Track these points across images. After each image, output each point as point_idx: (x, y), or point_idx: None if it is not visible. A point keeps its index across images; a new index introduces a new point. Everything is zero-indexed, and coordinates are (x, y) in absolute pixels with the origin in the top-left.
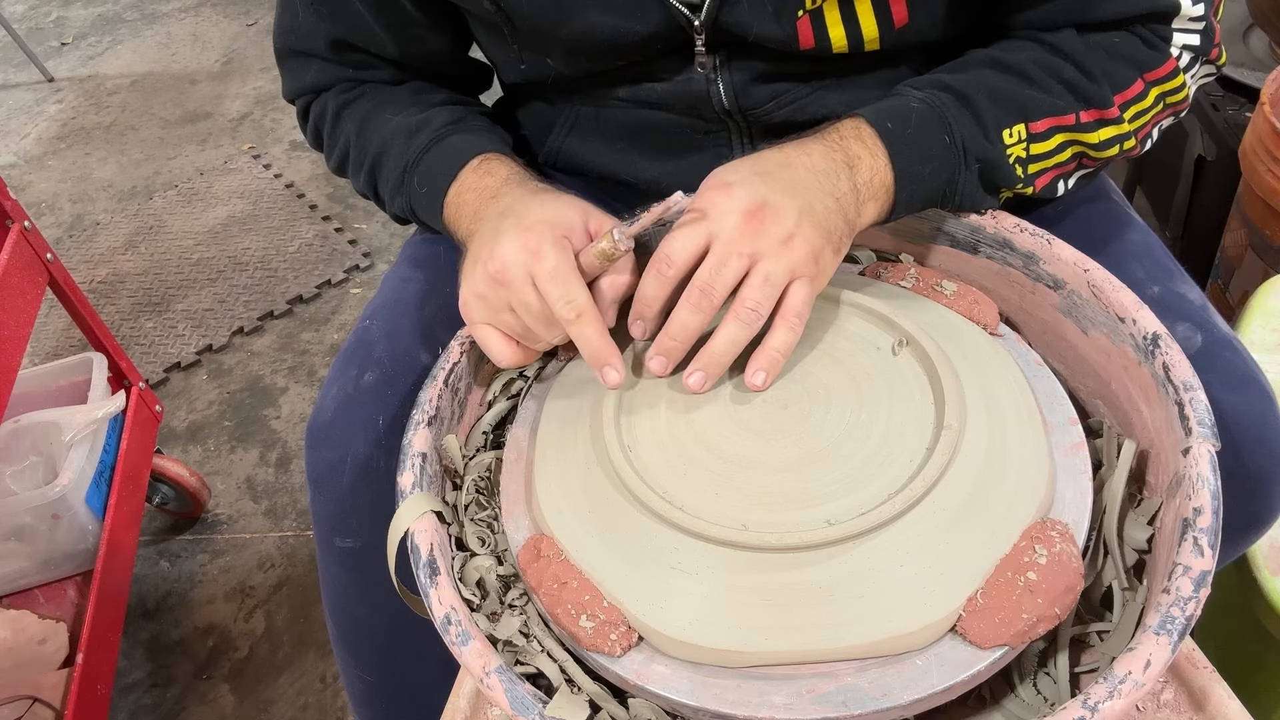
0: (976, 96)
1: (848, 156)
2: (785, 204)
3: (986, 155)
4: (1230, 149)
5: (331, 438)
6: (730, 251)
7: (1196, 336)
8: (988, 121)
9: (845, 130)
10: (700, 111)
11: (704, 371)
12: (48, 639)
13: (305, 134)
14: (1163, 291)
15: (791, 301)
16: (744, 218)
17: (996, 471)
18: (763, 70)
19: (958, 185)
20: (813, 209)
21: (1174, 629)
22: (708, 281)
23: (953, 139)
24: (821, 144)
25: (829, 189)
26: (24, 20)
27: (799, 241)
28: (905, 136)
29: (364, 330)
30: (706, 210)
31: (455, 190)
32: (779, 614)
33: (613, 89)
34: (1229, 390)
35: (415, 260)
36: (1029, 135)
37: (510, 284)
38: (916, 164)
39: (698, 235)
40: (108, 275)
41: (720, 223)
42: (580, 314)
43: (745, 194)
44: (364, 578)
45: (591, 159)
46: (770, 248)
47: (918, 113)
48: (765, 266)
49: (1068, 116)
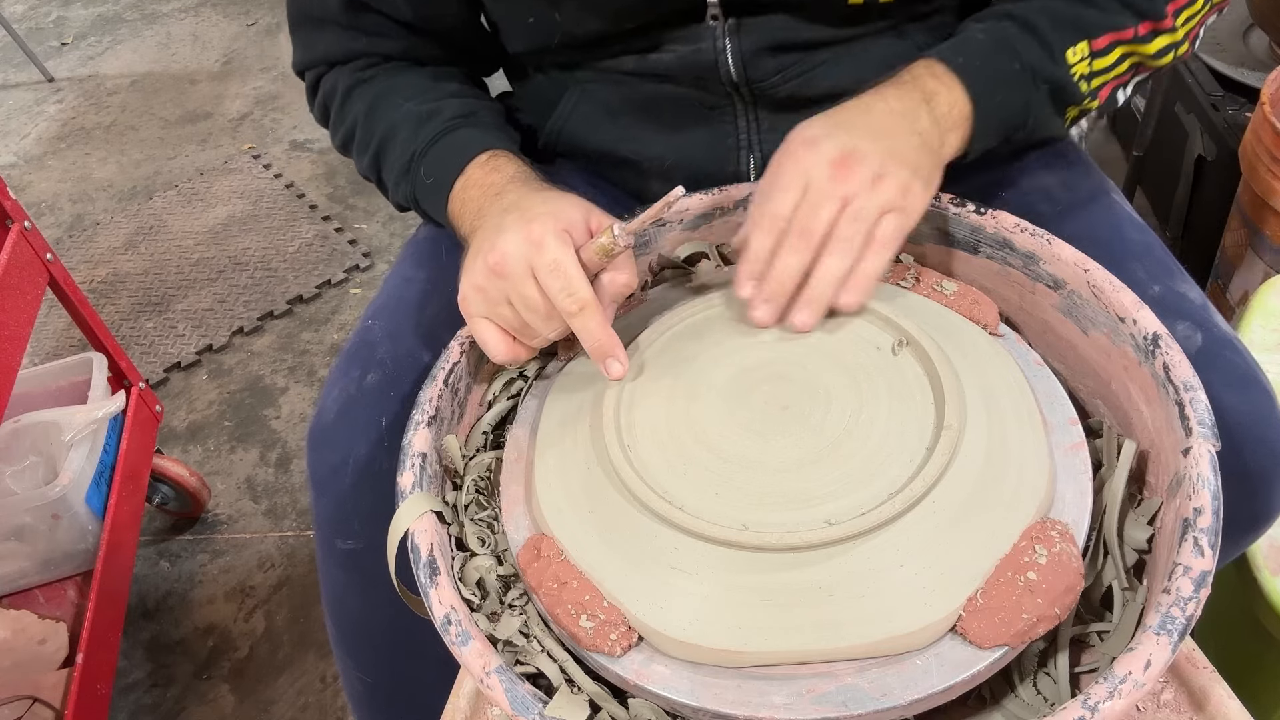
0: (1039, 21)
1: (924, 93)
2: (869, 147)
3: (1053, 76)
4: (1230, 149)
5: (334, 439)
6: (823, 196)
7: (1197, 336)
8: (1053, 44)
9: (918, 70)
10: (707, 84)
11: (810, 308)
12: (48, 639)
13: (312, 108)
14: (1163, 291)
15: (880, 231)
16: (833, 166)
17: (996, 471)
18: (772, 37)
19: (1031, 108)
20: (897, 148)
21: (1174, 629)
22: (805, 224)
23: (1021, 64)
24: (895, 87)
25: (909, 127)
26: (24, 20)
27: (887, 180)
28: (975, 66)
29: (366, 330)
30: (796, 166)
31: (461, 185)
32: (779, 614)
33: (618, 60)
34: (1229, 390)
35: (417, 260)
36: (1091, 52)
37: (510, 276)
38: (990, 90)
39: (794, 189)
40: (108, 275)
41: (812, 174)
42: (582, 306)
43: (832, 145)
44: (364, 579)
45: (595, 137)
46: (860, 189)
47: (985, 43)
48: (855, 205)
49: (1126, 31)
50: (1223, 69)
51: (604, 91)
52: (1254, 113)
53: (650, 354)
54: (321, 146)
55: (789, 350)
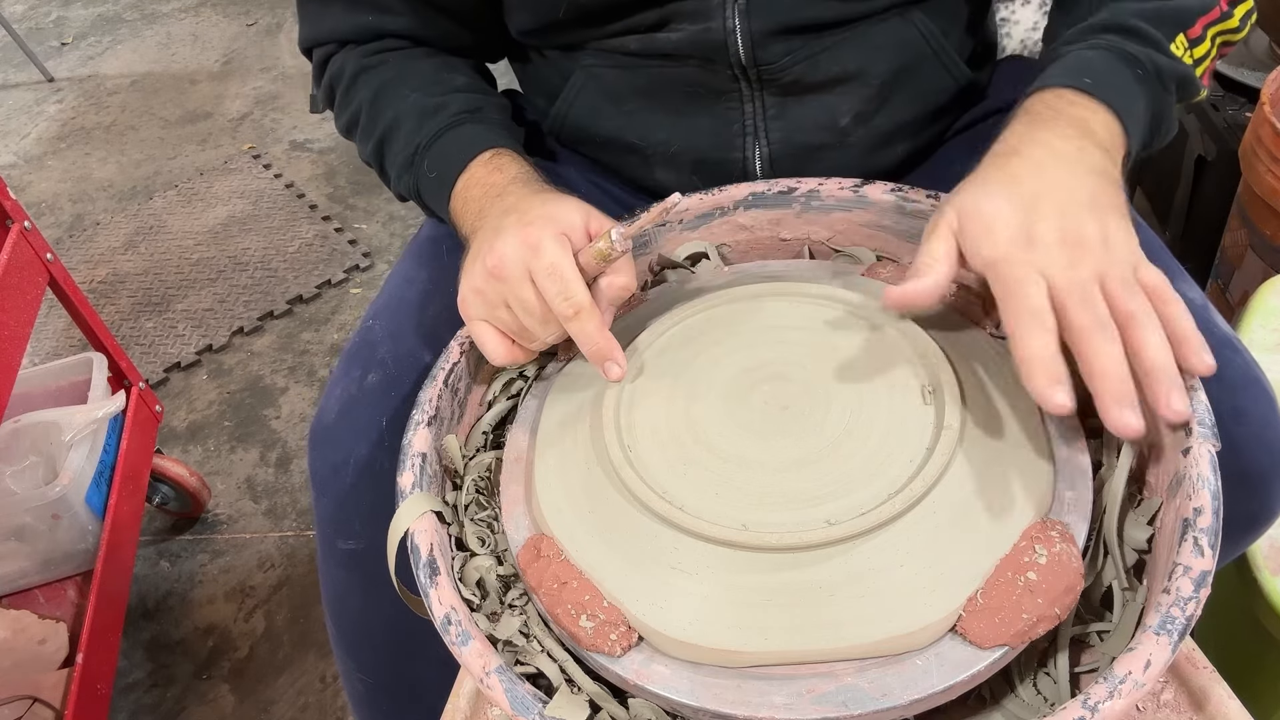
0: (1136, 23)
1: (1080, 127)
2: (1076, 211)
3: (1178, 71)
4: (1230, 149)
5: (335, 439)
6: (1076, 283)
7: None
8: (1160, 41)
9: (1052, 102)
10: (714, 66)
11: (1167, 384)
12: (48, 639)
13: (317, 88)
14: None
15: (1154, 284)
16: (1061, 248)
17: (996, 471)
18: (781, 17)
19: (1166, 112)
20: (1096, 199)
21: (1174, 629)
22: (1094, 315)
23: (1144, 70)
24: (1047, 129)
25: (1087, 168)
26: (24, 20)
27: (1111, 236)
28: (1108, 84)
29: (367, 330)
30: (1020, 262)
31: (463, 183)
32: (779, 614)
33: (623, 40)
34: (1230, 390)
35: (418, 260)
36: (1189, 42)
37: (507, 279)
38: (1132, 105)
39: (1039, 285)
40: (108, 275)
41: (1047, 267)
42: (579, 311)
43: (1044, 227)
44: (365, 579)
45: (600, 123)
46: (1102, 260)
47: (1099, 59)
48: (1113, 274)
49: (1214, 10)
50: (1223, 69)
51: (609, 76)
52: (1254, 113)
53: (650, 354)
54: (322, 146)
55: (789, 350)
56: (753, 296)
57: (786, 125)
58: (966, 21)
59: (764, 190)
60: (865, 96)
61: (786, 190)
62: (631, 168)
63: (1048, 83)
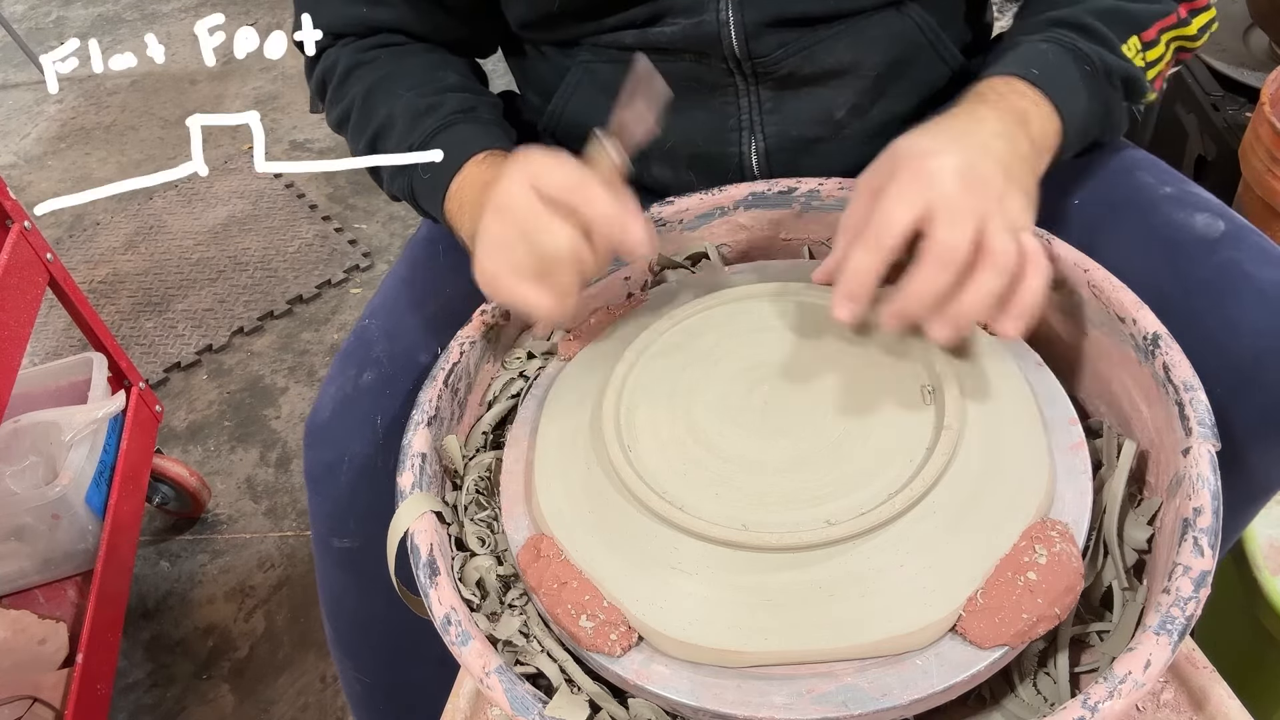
0: (1090, 21)
1: (1018, 114)
2: (991, 166)
3: (1126, 71)
4: (1230, 149)
5: (329, 437)
6: (959, 210)
7: (1219, 223)
8: (1112, 40)
9: (999, 88)
10: (709, 60)
11: (954, 325)
12: (48, 639)
13: (309, 81)
14: (1177, 190)
15: (1029, 249)
16: (960, 178)
17: (996, 472)
18: (775, 10)
19: (1112, 108)
20: (1012, 171)
21: (1174, 629)
22: (951, 243)
23: (1092, 66)
24: (986, 107)
25: (1014, 150)
26: (24, 20)
27: (1011, 199)
28: (1054, 78)
29: (363, 330)
30: (914, 179)
31: (458, 184)
32: (779, 614)
33: (619, 35)
34: (1261, 265)
35: (415, 260)
36: (1143, 45)
37: (514, 206)
38: (1074, 100)
39: (911, 207)
40: (108, 275)
41: (937, 188)
42: (581, 181)
43: (955, 160)
44: (362, 578)
45: (596, 118)
46: (993, 206)
47: (1051, 52)
48: (998, 221)
49: (1170, 17)
50: (1223, 69)
51: (605, 71)
52: (1254, 113)
53: (650, 354)
54: (322, 146)
55: (789, 350)
56: (752, 297)
57: (782, 119)
58: (965, 12)
59: (764, 190)
60: (860, 89)
61: (786, 190)
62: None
63: (999, 70)
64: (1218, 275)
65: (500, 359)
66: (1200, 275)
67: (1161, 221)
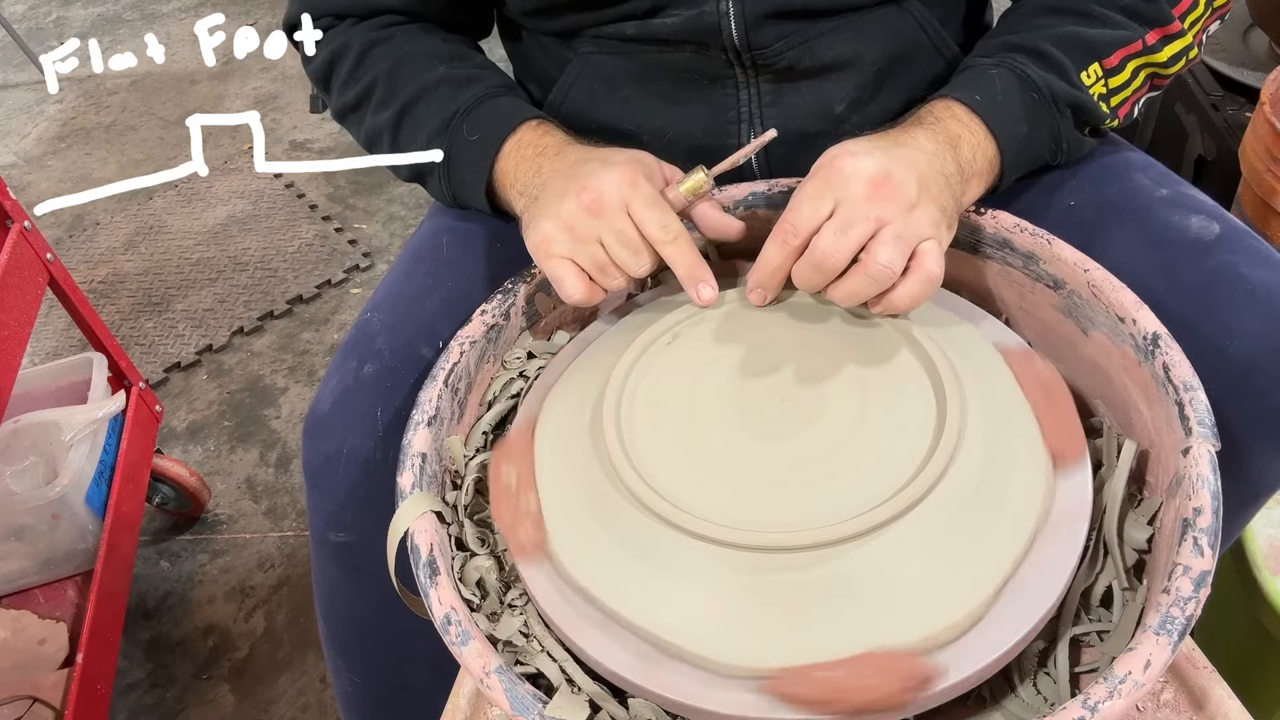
0: (1046, 47)
1: (949, 137)
2: (907, 175)
3: (1075, 99)
4: (1230, 149)
5: (329, 430)
6: (856, 215)
7: (1214, 225)
8: (1067, 68)
9: (939, 112)
10: (708, 51)
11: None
12: (48, 639)
13: (307, 66)
14: (1172, 193)
15: (925, 260)
16: (870, 184)
17: (996, 471)
18: (774, 2)
19: (1060, 135)
20: (929, 183)
21: (1174, 629)
22: (832, 245)
23: (1040, 94)
24: (921, 128)
25: (939, 168)
26: (24, 20)
27: (922, 210)
28: (997, 104)
29: (365, 323)
30: (829, 178)
31: (514, 143)
32: (787, 615)
33: (620, 26)
34: (1256, 267)
35: (417, 255)
36: (1104, 72)
37: (605, 212)
38: (1015, 126)
39: (823, 203)
40: (108, 275)
41: (846, 190)
42: (676, 236)
43: (869, 163)
44: (358, 574)
45: (596, 110)
46: (897, 213)
47: (999, 78)
48: (894, 228)
49: (1135, 44)
50: (1223, 69)
51: (606, 62)
52: (1254, 113)
53: (650, 354)
54: (322, 146)
55: (789, 350)
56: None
57: (781, 112)
58: (966, 9)
59: (764, 190)
60: (860, 83)
61: (787, 190)
62: None
63: (943, 93)
64: (1213, 278)
65: (500, 359)
66: (1195, 278)
67: (1157, 224)
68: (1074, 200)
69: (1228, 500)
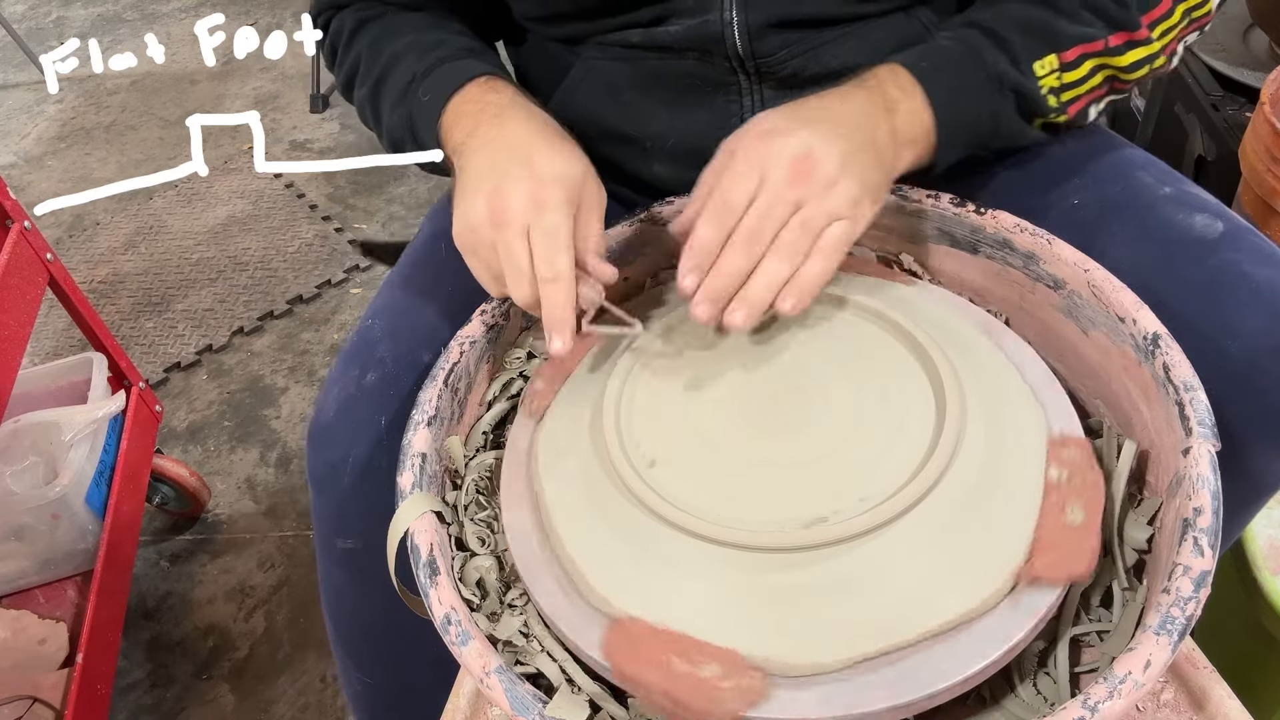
0: (1006, 31)
1: (886, 100)
2: (829, 151)
3: (1020, 85)
4: (1230, 149)
5: (333, 438)
6: (777, 199)
7: (1218, 224)
8: (1019, 53)
9: (882, 75)
10: (712, 58)
11: (745, 310)
12: (48, 639)
13: (323, 53)
14: (1175, 191)
15: (827, 238)
16: (792, 165)
17: (996, 470)
18: (779, 11)
19: (999, 118)
20: (855, 156)
21: (1174, 629)
22: (756, 226)
23: (988, 73)
24: (861, 89)
25: (868, 137)
26: (24, 20)
27: (840, 188)
28: (940, 74)
29: (366, 330)
30: (754, 157)
31: (458, 100)
32: (793, 616)
33: (624, 34)
34: (1259, 265)
35: (417, 259)
36: (1060, 65)
37: (505, 227)
38: (954, 98)
39: (750, 182)
40: (108, 275)
41: (770, 171)
42: (557, 277)
43: (794, 141)
44: (364, 578)
45: (599, 115)
46: (814, 193)
47: (950, 50)
48: (806, 211)
49: (1096, 43)
50: (1223, 69)
51: (609, 68)
52: (1254, 113)
53: (650, 354)
54: (322, 146)
55: (789, 350)
56: None
57: None
58: None
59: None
60: None
61: None
62: (630, 160)
63: (896, 59)
64: (1216, 276)
65: (500, 359)
66: (1198, 276)
67: (1160, 222)
68: (1077, 199)
69: (1228, 500)
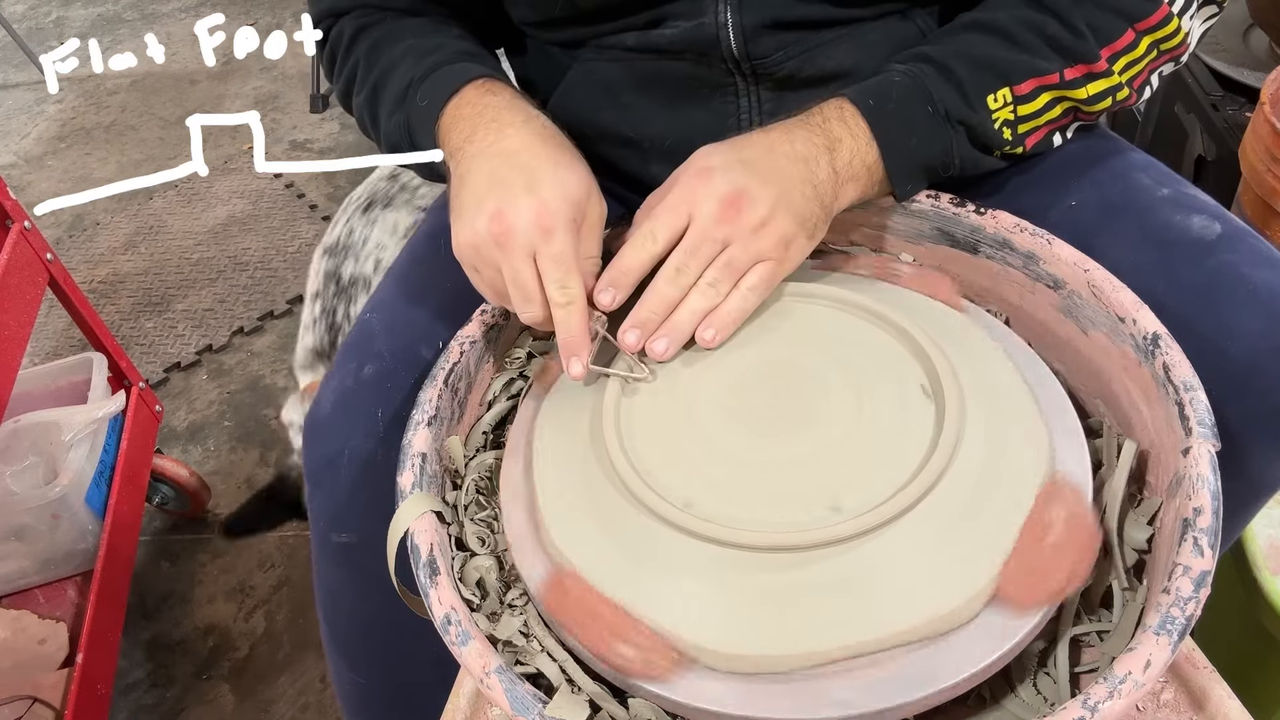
0: (956, 65)
1: (829, 139)
2: (762, 193)
3: (968, 120)
4: (1230, 149)
5: (330, 432)
6: (705, 237)
7: (1215, 225)
8: (969, 89)
9: (829, 112)
10: (708, 60)
11: (668, 338)
12: (48, 639)
13: (323, 61)
14: (1174, 192)
15: (749, 278)
16: (721, 205)
17: (997, 470)
18: (773, 13)
19: (951, 150)
20: (789, 197)
21: (1174, 629)
22: (682, 262)
23: (935, 108)
24: (804, 128)
25: (807, 176)
26: (24, 20)
27: (770, 229)
28: (887, 111)
29: (364, 324)
30: (688, 194)
31: (455, 104)
32: (789, 615)
33: (620, 37)
34: (1257, 267)
35: (416, 255)
36: (1015, 98)
37: (509, 250)
38: (901, 137)
39: (679, 217)
40: (108, 275)
41: (699, 208)
42: (571, 301)
43: (725, 181)
44: (360, 574)
45: (596, 116)
46: (742, 235)
47: (899, 86)
48: (732, 251)
49: (1051, 75)
50: (1223, 69)
51: (606, 70)
52: (1254, 113)
53: None
54: (322, 146)
55: (788, 349)
56: None
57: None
58: None
59: None
60: None
61: None
62: (627, 162)
63: (845, 93)
64: (1214, 278)
65: (500, 359)
66: (1197, 277)
67: (1158, 223)
68: (1075, 200)
69: (1228, 500)
